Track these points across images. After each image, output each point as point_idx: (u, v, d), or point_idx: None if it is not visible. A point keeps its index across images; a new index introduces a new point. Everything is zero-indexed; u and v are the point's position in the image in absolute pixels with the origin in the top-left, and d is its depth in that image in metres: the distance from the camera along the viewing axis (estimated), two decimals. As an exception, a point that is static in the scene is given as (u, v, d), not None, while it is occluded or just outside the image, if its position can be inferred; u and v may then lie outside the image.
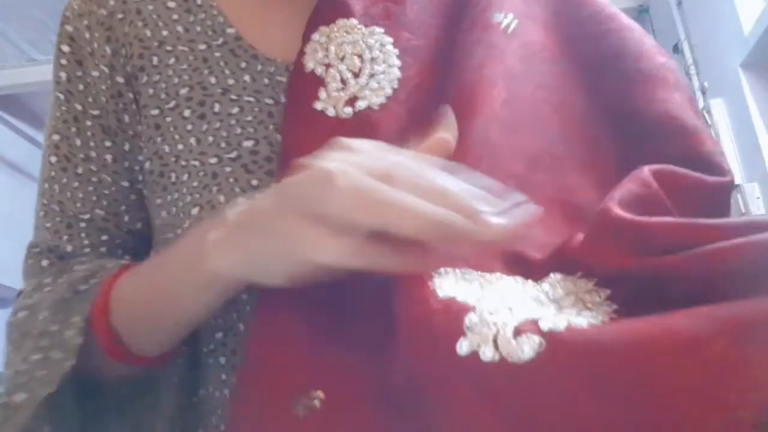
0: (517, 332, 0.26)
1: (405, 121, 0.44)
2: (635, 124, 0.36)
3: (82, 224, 0.52)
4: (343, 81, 0.46)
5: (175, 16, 0.54)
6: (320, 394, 0.34)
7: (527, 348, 0.26)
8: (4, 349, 0.49)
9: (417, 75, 0.46)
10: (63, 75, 0.54)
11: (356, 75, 0.46)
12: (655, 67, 0.40)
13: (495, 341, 0.27)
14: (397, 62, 0.47)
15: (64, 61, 0.54)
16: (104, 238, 0.53)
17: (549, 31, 0.45)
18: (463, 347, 0.28)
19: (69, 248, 0.52)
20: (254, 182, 0.46)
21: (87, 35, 0.53)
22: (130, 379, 0.51)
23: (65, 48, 0.54)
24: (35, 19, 2.18)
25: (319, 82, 0.46)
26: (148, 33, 0.53)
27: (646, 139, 0.34)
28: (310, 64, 0.47)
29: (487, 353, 0.27)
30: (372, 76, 0.46)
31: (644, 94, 0.38)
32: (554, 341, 0.25)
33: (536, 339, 0.26)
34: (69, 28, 0.54)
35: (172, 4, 0.54)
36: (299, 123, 0.45)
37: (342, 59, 0.47)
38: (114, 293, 0.45)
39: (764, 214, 1.51)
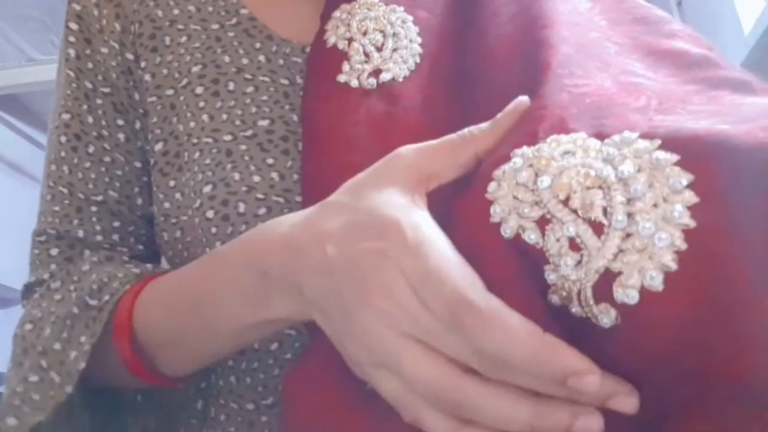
0: (595, 296, 0.26)
1: (430, 93, 0.44)
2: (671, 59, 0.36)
3: (94, 207, 0.51)
4: (366, 54, 0.46)
5: None
6: None
7: (606, 318, 0.26)
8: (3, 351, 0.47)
9: (438, 51, 0.46)
10: (72, 52, 0.53)
11: (379, 49, 0.46)
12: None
13: (579, 299, 0.27)
14: (418, 39, 0.47)
15: (72, 39, 0.53)
16: (116, 224, 0.51)
17: None
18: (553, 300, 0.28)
19: (80, 233, 0.50)
20: (270, 161, 0.45)
21: (95, 12, 0.53)
22: (147, 391, 0.49)
23: (73, 26, 0.53)
24: (35, 19, 2.17)
25: (342, 56, 0.46)
26: (160, 13, 0.52)
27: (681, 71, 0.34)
28: (331, 39, 0.47)
29: (576, 310, 0.27)
30: (395, 50, 0.46)
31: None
32: (627, 317, 0.25)
33: (612, 313, 0.26)
34: (76, 6, 0.53)
35: None
36: (322, 95, 0.45)
37: (364, 34, 0.47)
38: (139, 312, 0.42)
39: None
